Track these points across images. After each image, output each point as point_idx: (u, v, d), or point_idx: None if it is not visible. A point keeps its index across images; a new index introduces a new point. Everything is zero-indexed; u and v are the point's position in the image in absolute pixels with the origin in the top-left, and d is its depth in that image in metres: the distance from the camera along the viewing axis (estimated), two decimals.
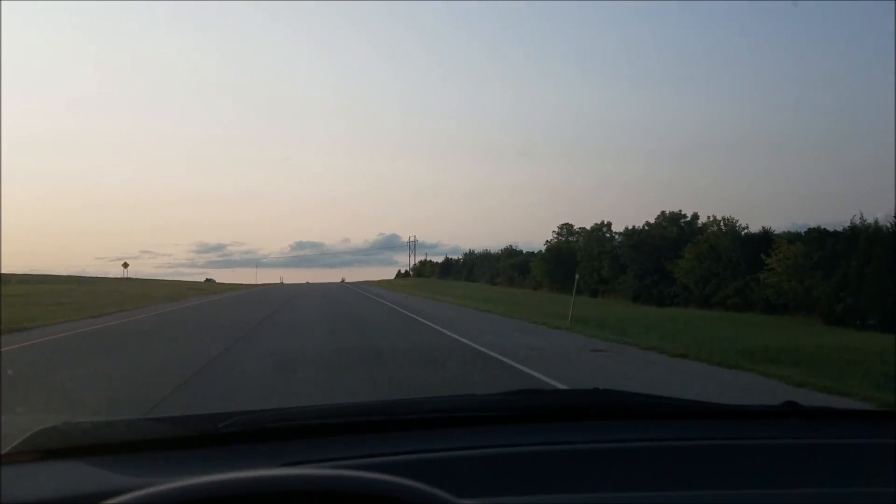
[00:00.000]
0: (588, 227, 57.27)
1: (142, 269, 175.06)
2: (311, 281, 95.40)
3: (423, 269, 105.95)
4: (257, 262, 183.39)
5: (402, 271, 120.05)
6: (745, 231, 36.95)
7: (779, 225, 55.23)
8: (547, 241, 64.91)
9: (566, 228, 64.78)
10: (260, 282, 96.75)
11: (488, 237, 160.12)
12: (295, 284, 77.85)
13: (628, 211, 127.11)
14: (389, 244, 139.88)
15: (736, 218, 38.65)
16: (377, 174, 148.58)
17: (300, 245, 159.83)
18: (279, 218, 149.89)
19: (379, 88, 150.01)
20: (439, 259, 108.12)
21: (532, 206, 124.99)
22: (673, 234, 43.23)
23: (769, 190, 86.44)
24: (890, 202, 73.86)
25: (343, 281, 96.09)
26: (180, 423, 1.41)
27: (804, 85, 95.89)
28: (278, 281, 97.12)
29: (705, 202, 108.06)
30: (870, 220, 27.99)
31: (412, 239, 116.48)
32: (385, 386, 7.58)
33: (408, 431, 1.42)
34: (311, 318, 20.38)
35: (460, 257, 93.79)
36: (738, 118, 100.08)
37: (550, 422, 1.52)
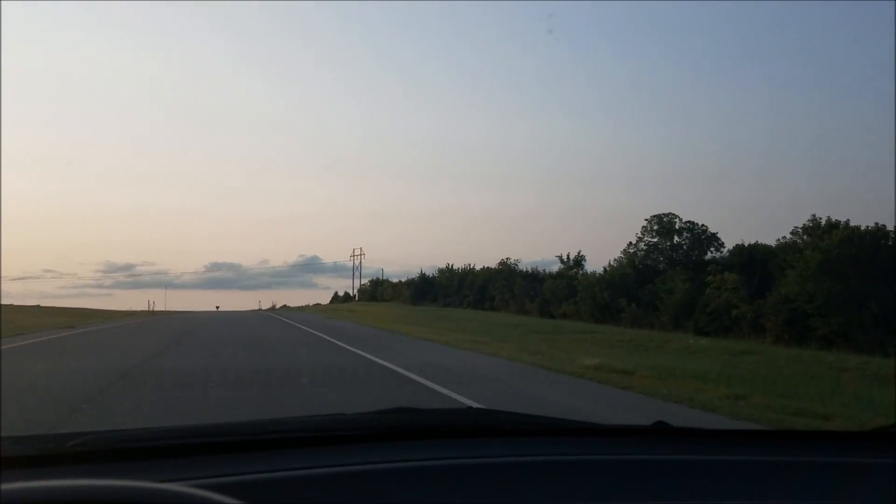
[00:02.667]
0: None
1: (45, 288, 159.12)
2: (223, 308, 78.55)
3: (378, 292, 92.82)
4: (168, 284, 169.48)
5: (342, 294, 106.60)
6: None
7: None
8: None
9: None
10: (170, 306, 79.25)
11: (414, 259, 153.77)
12: (202, 314, 54.21)
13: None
14: (310, 266, 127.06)
15: None
16: (297, 194, 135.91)
17: (215, 266, 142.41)
18: (193, 238, 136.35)
19: (296, 109, 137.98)
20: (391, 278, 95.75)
21: (459, 230, 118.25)
22: None
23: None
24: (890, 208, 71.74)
25: (272, 307, 78.52)
26: (25, 442, 1.37)
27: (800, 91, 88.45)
28: (186, 309, 79.66)
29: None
30: None
31: (357, 254, 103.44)
32: None
33: (263, 451, 1.39)
34: None
35: (434, 274, 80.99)
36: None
37: (419, 440, 1.52)
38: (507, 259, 73.80)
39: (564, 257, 59.48)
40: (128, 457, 1.32)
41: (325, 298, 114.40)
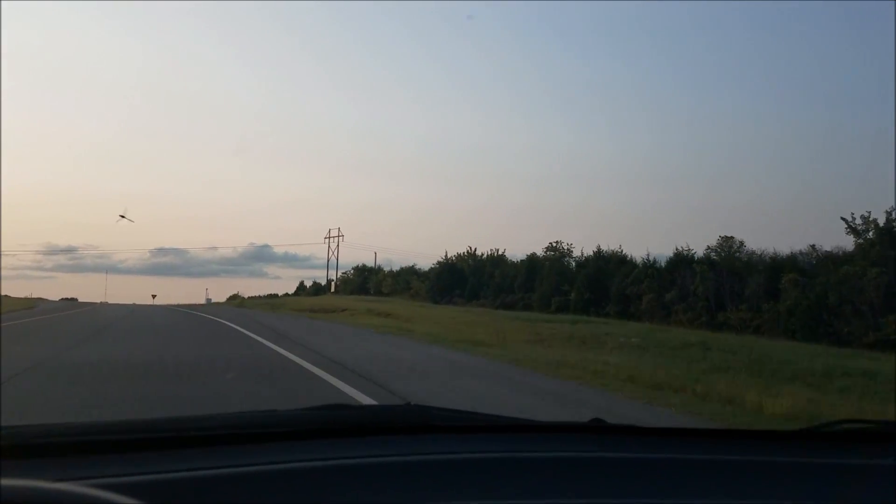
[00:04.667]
0: None
1: None
2: (160, 299, 66.53)
3: (370, 282, 73.46)
4: (110, 268, 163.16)
5: (309, 284, 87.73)
6: None
7: None
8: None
9: None
10: (111, 292, 64.83)
11: (369, 252, 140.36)
12: (113, 311, 34.43)
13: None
14: (260, 255, 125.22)
15: None
16: (249, 180, 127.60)
17: (161, 251, 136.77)
18: (137, 221, 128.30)
19: (252, 94, 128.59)
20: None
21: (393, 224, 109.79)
22: None
23: None
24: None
25: (238, 300, 62.48)
26: None
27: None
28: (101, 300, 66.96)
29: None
30: None
31: (334, 236, 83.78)
32: None
33: (183, 449, 1.33)
34: None
35: (434, 265, 62.42)
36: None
37: (352, 437, 1.49)
38: (557, 243, 55.48)
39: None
40: (31, 454, 1.25)
41: (275, 288, 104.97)
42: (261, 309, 44.34)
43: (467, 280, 55.10)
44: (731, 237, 41.53)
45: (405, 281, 67.02)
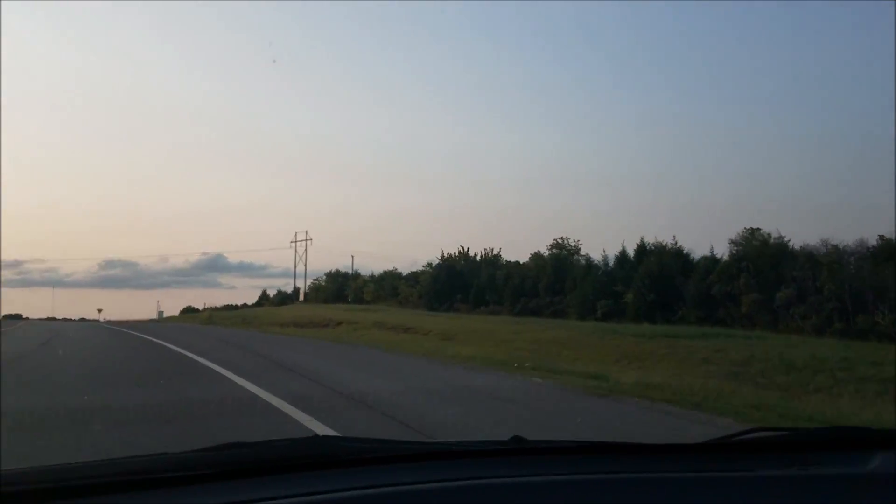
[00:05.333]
0: None
1: None
2: (106, 313, 64.83)
3: (346, 289, 65.05)
4: (57, 282, 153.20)
5: (273, 293, 79.60)
6: None
7: None
8: None
9: None
10: (59, 307, 60.62)
11: (327, 260, 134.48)
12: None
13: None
14: (214, 265, 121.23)
15: None
16: (199, 189, 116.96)
17: (110, 264, 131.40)
18: (85, 233, 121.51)
19: (198, 100, 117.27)
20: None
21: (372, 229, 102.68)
22: None
23: None
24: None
25: (209, 314, 53.65)
26: None
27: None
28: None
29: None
30: None
31: (301, 239, 75.00)
32: None
33: (66, 499, 1.24)
34: None
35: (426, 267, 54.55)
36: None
37: (250, 478, 1.37)
38: (562, 239, 48.35)
39: None
40: None
41: (231, 298, 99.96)
42: (231, 325, 35.82)
43: (469, 283, 47.46)
44: (758, 229, 35.17)
45: (391, 286, 58.99)
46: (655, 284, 29.00)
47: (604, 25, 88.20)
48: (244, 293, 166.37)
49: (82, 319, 65.88)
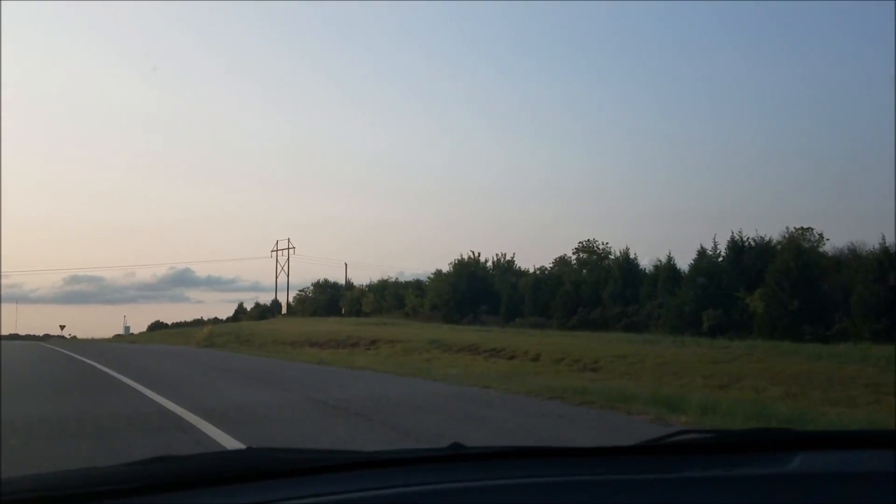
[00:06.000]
0: None
1: None
2: (70, 329, 65.65)
3: (343, 300, 56.94)
4: (20, 298, 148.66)
5: (250, 306, 72.46)
6: None
7: None
8: None
9: None
10: (22, 323, 56.95)
11: (306, 272, 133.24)
12: None
13: None
14: (181, 279, 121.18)
15: None
16: (166, 202, 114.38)
17: (75, 279, 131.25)
18: (49, 248, 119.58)
19: (164, 110, 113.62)
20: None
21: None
22: None
23: None
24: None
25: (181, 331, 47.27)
26: None
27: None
28: None
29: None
30: None
31: (284, 248, 67.02)
32: None
33: None
34: None
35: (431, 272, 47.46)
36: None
37: (179, 492, 1.33)
38: (588, 241, 42.15)
39: None
40: None
41: (199, 313, 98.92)
42: (230, 345, 28.03)
43: (495, 291, 40.35)
44: (810, 228, 33.39)
45: (394, 296, 51.39)
46: (796, 288, 22.21)
47: (602, 25, 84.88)
48: (212, 308, 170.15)
49: (46, 336, 63.10)
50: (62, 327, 69.58)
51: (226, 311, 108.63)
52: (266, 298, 72.83)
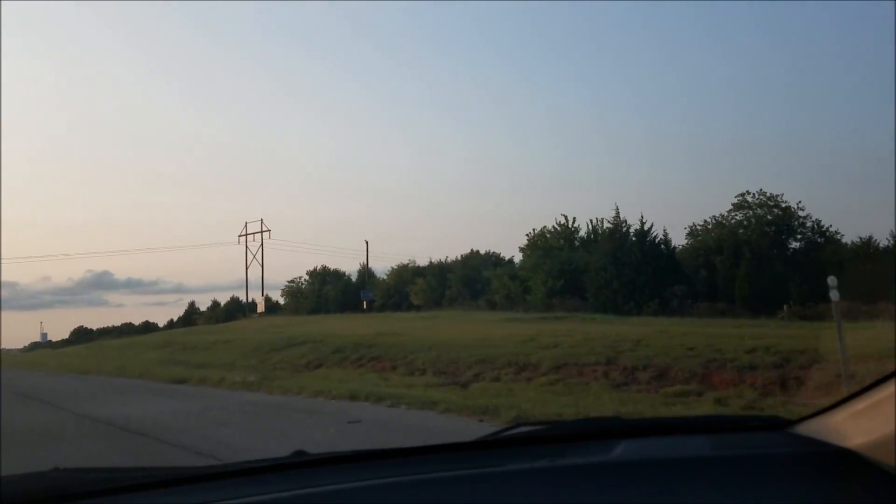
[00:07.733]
0: None
1: None
2: None
3: (334, 296, 44.01)
4: None
5: (195, 307, 65.99)
6: None
7: None
8: None
9: None
10: None
11: (218, 275, 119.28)
12: None
13: None
14: (100, 282, 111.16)
15: None
16: (84, 203, 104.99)
17: None
18: None
19: (76, 104, 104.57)
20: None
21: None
22: None
23: None
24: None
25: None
26: None
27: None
28: None
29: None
30: None
31: (254, 232, 55.31)
32: None
33: None
34: None
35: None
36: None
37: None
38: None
39: None
40: None
41: (120, 318, 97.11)
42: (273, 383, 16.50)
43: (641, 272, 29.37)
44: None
45: (472, 279, 38.67)
46: None
47: (606, 26, 78.33)
48: (134, 311, 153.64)
49: None
50: None
51: (149, 315, 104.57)
52: (196, 298, 61.49)
